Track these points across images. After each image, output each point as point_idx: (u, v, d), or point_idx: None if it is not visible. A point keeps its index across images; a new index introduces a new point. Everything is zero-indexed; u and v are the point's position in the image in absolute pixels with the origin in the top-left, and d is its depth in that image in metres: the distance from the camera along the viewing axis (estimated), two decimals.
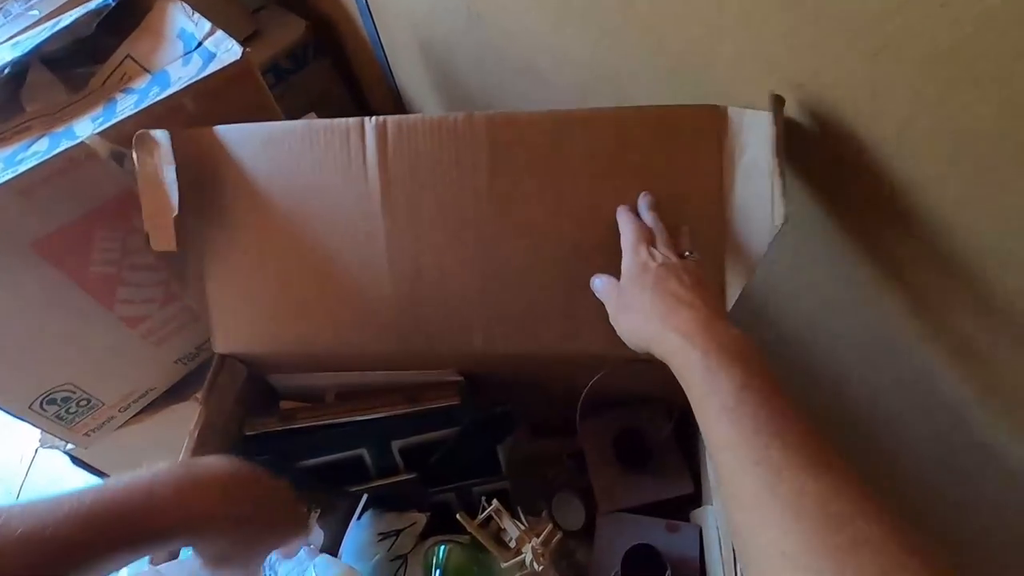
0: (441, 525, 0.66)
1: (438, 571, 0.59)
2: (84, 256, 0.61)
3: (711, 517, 0.58)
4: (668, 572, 0.57)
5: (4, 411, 0.63)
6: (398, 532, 0.64)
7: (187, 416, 0.61)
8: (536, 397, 0.72)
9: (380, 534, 0.64)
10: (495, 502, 0.60)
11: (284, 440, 0.63)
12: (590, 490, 0.68)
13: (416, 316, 0.57)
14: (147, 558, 0.46)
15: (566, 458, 0.74)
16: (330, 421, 0.64)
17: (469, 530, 0.58)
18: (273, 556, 0.54)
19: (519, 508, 0.63)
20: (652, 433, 0.65)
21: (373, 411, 0.64)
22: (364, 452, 0.65)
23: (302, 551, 0.54)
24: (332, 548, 0.59)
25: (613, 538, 0.60)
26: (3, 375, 0.62)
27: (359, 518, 0.64)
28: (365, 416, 0.64)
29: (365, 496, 0.64)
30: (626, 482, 0.63)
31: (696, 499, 0.63)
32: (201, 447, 0.59)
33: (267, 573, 0.54)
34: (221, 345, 0.61)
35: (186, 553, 0.51)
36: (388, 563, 0.62)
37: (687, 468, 0.63)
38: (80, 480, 0.89)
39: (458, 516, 0.59)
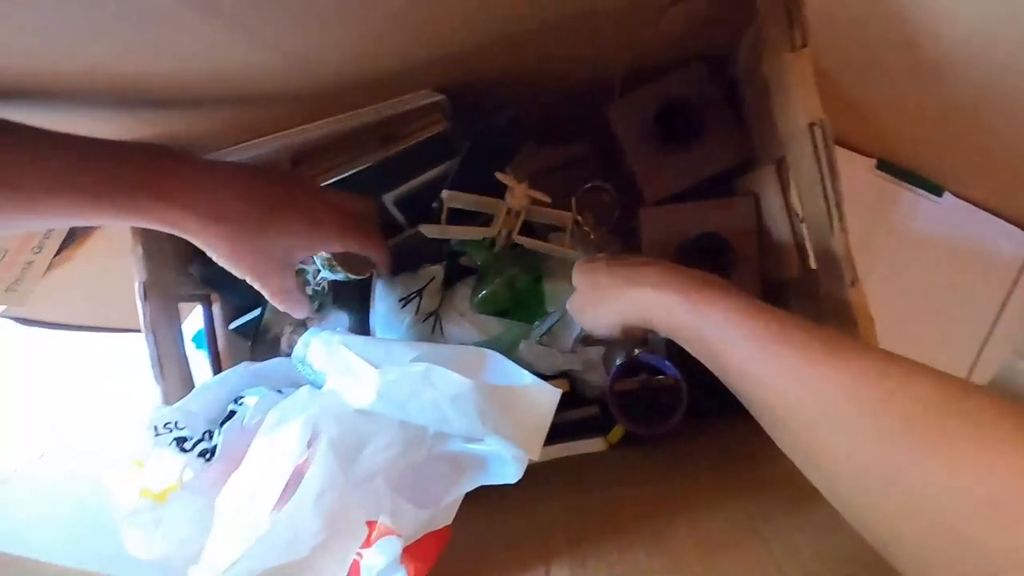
0: (462, 270, 0.59)
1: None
2: None
3: (770, 177, 0.50)
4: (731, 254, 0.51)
5: None
6: (420, 292, 0.57)
7: (124, 238, 0.48)
8: (531, 103, 0.58)
9: (401, 300, 0.56)
10: (445, 193, 0.50)
11: None
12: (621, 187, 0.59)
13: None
14: None
15: (583, 160, 0.64)
16: None
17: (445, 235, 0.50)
18: (306, 339, 0.47)
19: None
20: (700, 99, 0.53)
21: (346, 167, 0.51)
22: None
23: (329, 333, 0.47)
24: (362, 331, 0.51)
25: (662, 230, 0.53)
26: None
27: (374, 292, 0.55)
28: (339, 176, 0.51)
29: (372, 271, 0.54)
30: (676, 162, 0.53)
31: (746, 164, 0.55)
32: (153, 267, 0.46)
33: (301, 357, 0.47)
34: (116, 129, 0.44)
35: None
36: (420, 325, 0.56)
37: (739, 133, 0.53)
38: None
39: (422, 228, 0.51)
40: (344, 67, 0.40)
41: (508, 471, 0.31)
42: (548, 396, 0.31)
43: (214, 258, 0.35)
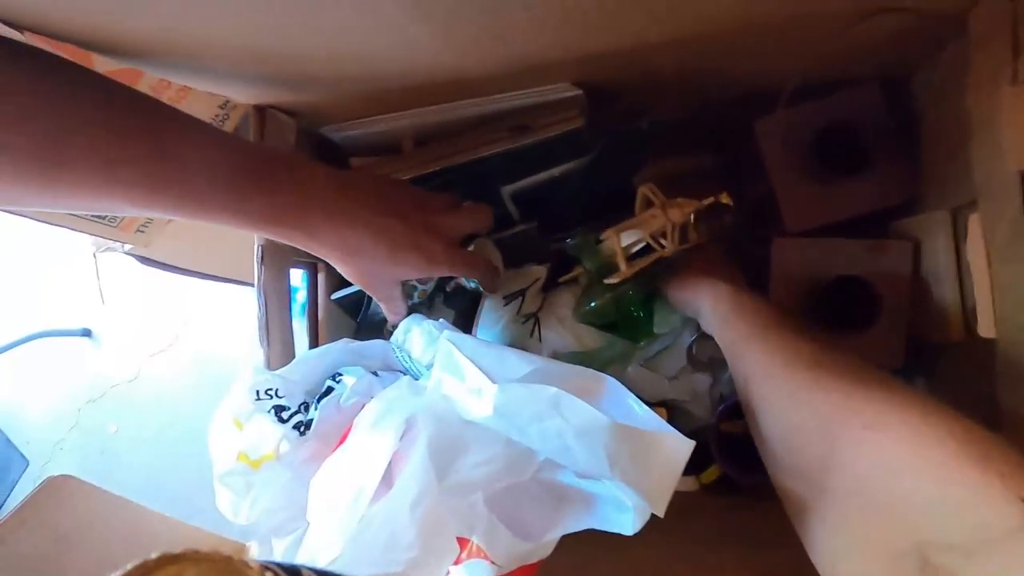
0: (560, 273, 0.56)
1: None
2: None
3: (942, 224, 0.44)
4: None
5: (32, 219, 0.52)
6: (523, 292, 0.55)
7: None
8: (670, 108, 0.54)
9: (505, 297, 0.54)
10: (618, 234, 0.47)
11: None
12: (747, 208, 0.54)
13: None
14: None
15: (707, 173, 0.59)
16: (416, 174, 0.50)
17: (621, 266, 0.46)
18: (407, 326, 0.46)
19: None
20: (868, 125, 0.47)
21: (470, 152, 0.49)
22: None
23: (431, 324, 0.46)
24: (463, 323, 0.50)
25: (797, 264, 0.48)
26: None
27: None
28: (460, 160, 0.49)
29: None
30: (828, 192, 0.48)
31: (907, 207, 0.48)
32: None
33: (399, 343, 0.46)
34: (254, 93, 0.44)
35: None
36: (520, 326, 0.54)
37: (907, 168, 0.47)
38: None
39: (607, 282, 0.47)
40: (496, 51, 0.38)
41: (625, 520, 0.28)
42: (682, 448, 0.28)
43: (337, 269, 0.39)
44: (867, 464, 0.26)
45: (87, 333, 1.51)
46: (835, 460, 0.27)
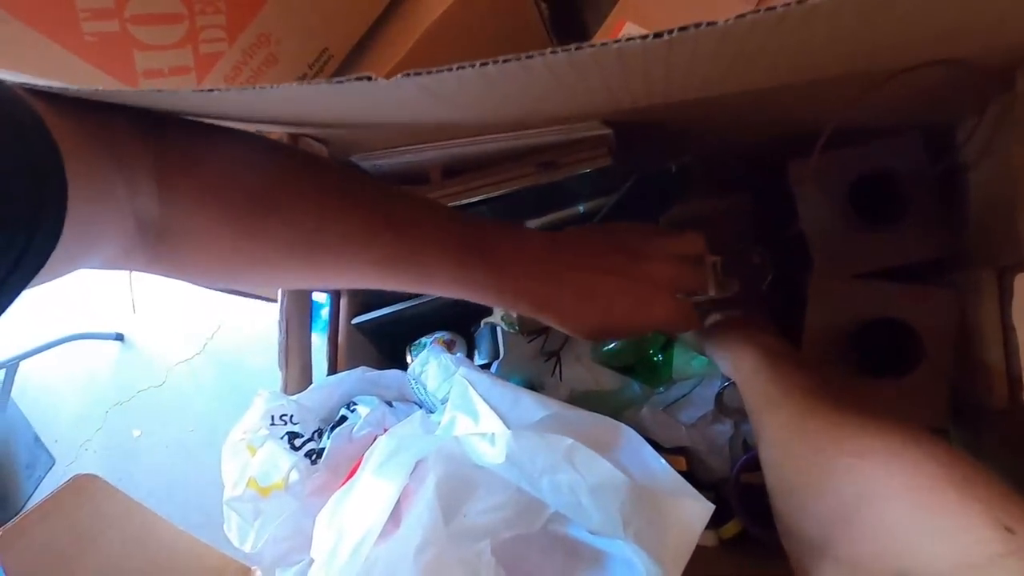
0: None
1: None
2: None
3: (987, 283, 0.42)
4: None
5: None
6: (547, 329, 0.54)
7: None
8: (699, 148, 0.53)
9: (527, 334, 0.54)
10: None
11: None
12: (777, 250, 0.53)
13: None
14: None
15: (736, 213, 0.58)
16: None
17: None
18: (424, 358, 0.46)
19: None
20: (907, 175, 0.45)
21: (497, 186, 0.49)
22: None
23: (449, 358, 0.45)
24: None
25: (834, 307, 0.46)
26: None
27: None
28: (487, 194, 0.49)
29: None
30: (861, 241, 0.46)
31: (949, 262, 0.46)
32: None
33: (416, 375, 0.46)
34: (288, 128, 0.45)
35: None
36: (542, 364, 0.53)
37: (946, 221, 0.45)
38: None
39: None
40: (531, 120, 0.38)
41: None
42: (700, 511, 0.26)
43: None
44: (852, 491, 0.26)
45: (120, 338, 1.55)
46: (824, 487, 0.28)
